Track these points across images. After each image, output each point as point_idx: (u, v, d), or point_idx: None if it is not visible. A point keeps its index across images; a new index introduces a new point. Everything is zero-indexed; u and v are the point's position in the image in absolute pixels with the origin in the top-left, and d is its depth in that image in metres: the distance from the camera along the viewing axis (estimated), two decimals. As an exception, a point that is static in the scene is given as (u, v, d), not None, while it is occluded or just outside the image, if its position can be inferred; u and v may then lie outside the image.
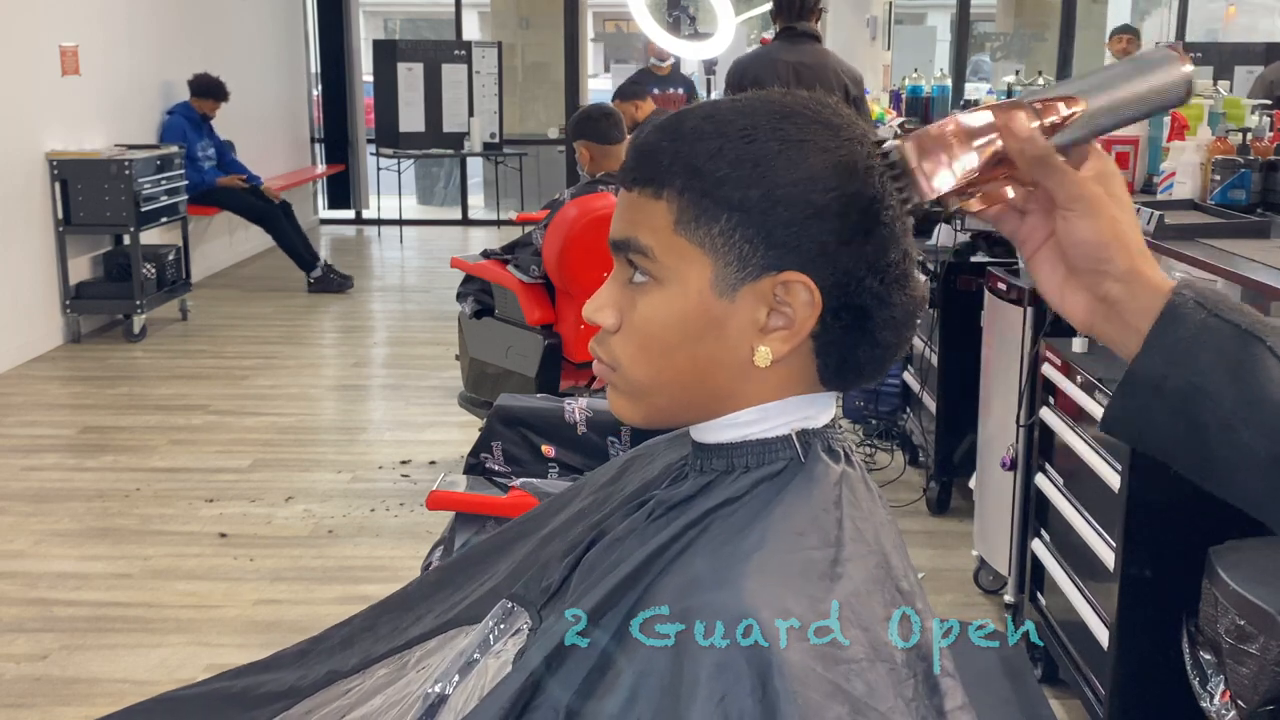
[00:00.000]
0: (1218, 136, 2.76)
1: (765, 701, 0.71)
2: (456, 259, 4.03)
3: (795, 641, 0.73)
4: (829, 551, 0.81)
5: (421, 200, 11.68)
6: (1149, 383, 0.76)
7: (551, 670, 0.84)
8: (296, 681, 1.11)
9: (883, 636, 0.78)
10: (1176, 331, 0.75)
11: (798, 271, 0.82)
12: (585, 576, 0.91)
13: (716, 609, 0.75)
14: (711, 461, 0.89)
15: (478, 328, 3.90)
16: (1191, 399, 0.74)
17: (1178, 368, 0.75)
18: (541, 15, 11.28)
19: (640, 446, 1.07)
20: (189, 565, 3.27)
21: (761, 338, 0.84)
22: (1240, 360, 0.73)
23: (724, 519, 0.84)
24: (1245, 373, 0.73)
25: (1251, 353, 0.73)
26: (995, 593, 3.07)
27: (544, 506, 1.12)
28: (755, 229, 0.82)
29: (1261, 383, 0.73)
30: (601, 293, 0.89)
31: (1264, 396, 0.73)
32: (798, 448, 0.87)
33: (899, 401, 4.18)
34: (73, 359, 5.57)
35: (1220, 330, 0.74)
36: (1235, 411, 0.73)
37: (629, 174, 0.86)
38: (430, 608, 1.11)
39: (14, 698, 2.61)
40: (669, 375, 0.86)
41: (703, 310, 0.84)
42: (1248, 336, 0.74)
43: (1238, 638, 1.84)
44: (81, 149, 5.88)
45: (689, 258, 0.83)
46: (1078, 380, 2.37)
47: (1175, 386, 0.75)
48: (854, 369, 0.87)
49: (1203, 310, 0.75)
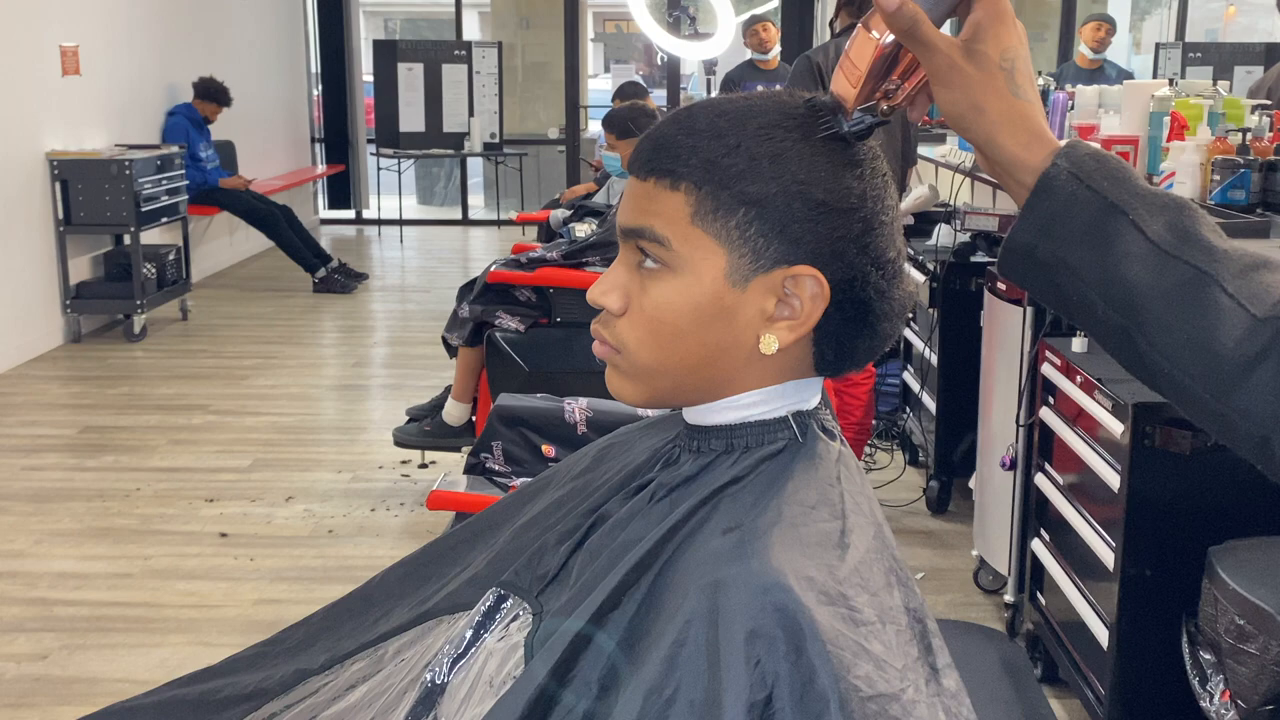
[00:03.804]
0: (1217, 136, 2.76)
1: (800, 663, 0.75)
2: (499, 272, 3.66)
3: (820, 606, 0.78)
4: (837, 524, 0.86)
5: (422, 200, 11.68)
6: (1022, 251, 0.79)
7: (583, 645, 0.86)
8: (261, 683, 1.11)
9: (887, 601, 0.83)
10: (1046, 204, 0.76)
11: (809, 265, 0.86)
12: (590, 560, 0.93)
13: (746, 579, 0.79)
14: (710, 443, 0.93)
15: (535, 337, 3.62)
16: (1057, 270, 0.77)
17: (1046, 239, 0.77)
18: (541, 15, 11.29)
19: (613, 435, 1.10)
20: (189, 565, 3.27)
21: (768, 326, 0.88)
22: (1101, 234, 0.75)
23: (731, 497, 0.88)
24: (1104, 246, 0.75)
25: (1113, 226, 0.75)
26: (995, 592, 3.07)
27: (513, 497, 1.14)
28: (770, 223, 0.86)
29: (1117, 258, 0.75)
30: (608, 276, 0.92)
31: (1116, 274, 0.75)
32: (795, 428, 0.91)
33: (899, 401, 4.18)
34: (73, 359, 5.58)
35: (1088, 203, 0.75)
36: (1093, 285, 0.76)
37: (645, 165, 0.89)
38: (398, 603, 1.11)
39: (14, 698, 2.61)
40: (676, 359, 0.90)
41: (716, 298, 0.87)
42: (1112, 209, 0.75)
43: (1237, 637, 1.84)
44: (82, 149, 5.88)
45: (705, 248, 0.87)
46: (1078, 380, 2.38)
47: (1044, 258, 0.77)
48: (849, 357, 0.91)
49: (1075, 182, 0.76)
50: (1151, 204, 0.75)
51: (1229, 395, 0.73)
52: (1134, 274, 0.74)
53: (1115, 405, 2.18)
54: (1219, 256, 0.74)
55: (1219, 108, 2.94)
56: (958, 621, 2.90)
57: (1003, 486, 2.88)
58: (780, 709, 0.75)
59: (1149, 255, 0.74)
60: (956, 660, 0.86)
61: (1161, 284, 0.74)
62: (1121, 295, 0.75)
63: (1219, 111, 2.91)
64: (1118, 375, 2.31)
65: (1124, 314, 0.75)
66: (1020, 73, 0.79)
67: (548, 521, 1.03)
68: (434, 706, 0.97)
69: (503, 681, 0.92)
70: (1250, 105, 3.02)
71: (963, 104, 0.79)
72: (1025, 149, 0.78)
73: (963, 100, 0.79)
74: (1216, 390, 0.74)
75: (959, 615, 2.98)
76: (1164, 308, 0.74)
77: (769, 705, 0.75)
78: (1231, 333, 0.73)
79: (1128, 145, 2.96)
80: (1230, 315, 0.73)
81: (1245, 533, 2.04)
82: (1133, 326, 0.76)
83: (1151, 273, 0.74)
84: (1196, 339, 0.74)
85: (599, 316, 0.93)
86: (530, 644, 0.92)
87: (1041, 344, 2.59)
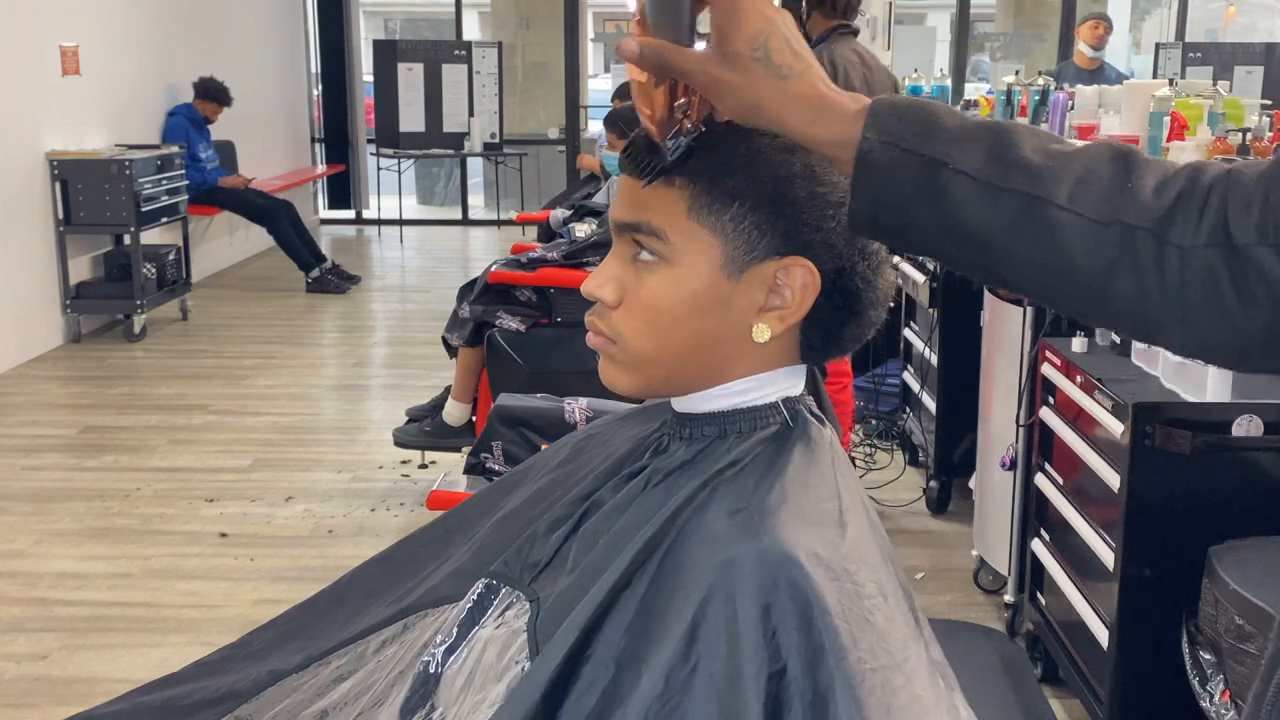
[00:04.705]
0: (1217, 136, 2.76)
1: (811, 634, 0.80)
2: (499, 272, 3.65)
3: (827, 581, 0.82)
4: (835, 503, 0.90)
5: (422, 200, 11.68)
6: (868, 221, 0.78)
7: (603, 622, 0.88)
8: (233, 685, 1.11)
9: (883, 576, 0.88)
10: (869, 178, 0.76)
11: (801, 256, 0.90)
12: (587, 545, 0.96)
13: (759, 556, 0.83)
14: (703, 429, 0.96)
15: (536, 337, 3.61)
16: (902, 232, 0.78)
17: (883, 209, 0.77)
18: (541, 15, 11.28)
19: (589, 427, 1.14)
20: (189, 565, 3.27)
21: (760, 316, 0.92)
22: (930, 191, 0.75)
23: (730, 480, 0.91)
24: (938, 201, 0.75)
25: (938, 180, 0.75)
26: (995, 593, 3.07)
27: (487, 492, 1.16)
28: (764, 217, 0.89)
29: (952, 207, 0.75)
30: (603, 269, 0.95)
31: (957, 221, 0.75)
32: (786, 413, 0.95)
33: (899, 401, 4.18)
34: (73, 359, 5.58)
35: (908, 165, 0.75)
36: (942, 237, 0.76)
37: (640, 163, 0.91)
38: (372, 600, 1.12)
39: (14, 698, 2.61)
40: (672, 348, 0.93)
41: (711, 289, 0.91)
42: (931, 164, 0.75)
43: (1237, 637, 1.84)
44: (82, 149, 5.88)
45: (701, 241, 0.90)
46: (1077, 380, 2.38)
47: (887, 223, 0.78)
48: (836, 344, 0.96)
49: (889, 149, 0.75)
50: (968, 141, 0.75)
51: (1103, 307, 0.75)
52: (971, 217, 0.74)
53: (1115, 405, 2.18)
54: (1044, 174, 0.73)
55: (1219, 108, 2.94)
56: (958, 621, 2.90)
57: (1003, 486, 2.88)
58: (794, 679, 0.79)
59: (980, 194, 0.74)
60: (956, 660, 0.90)
61: (999, 219, 0.74)
62: (969, 239, 0.75)
63: (1219, 111, 2.91)
64: (1118, 375, 2.31)
65: (979, 254, 0.76)
66: (776, 52, 0.77)
67: (531, 512, 1.05)
68: (430, 696, 0.98)
69: (505, 667, 0.94)
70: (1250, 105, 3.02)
71: (739, 108, 0.79)
72: (814, 125, 0.77)
73: (737, 105, 0.79)
74: (1086, 306, 0.76)
75: (959, 615, 2.98)
76: (1010, 240, 0.74)
77: (783, 676, 0.79)
78: (1079, 245, 0.73)
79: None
80: (1071, 229, 0.73)
81: (1245, 533, 2.04)
82: (992, 264, 0.76)
83: (987, 211, 0.74)
84: (1050, 262, 0.74)
85: (593, 308, 0.96)
86: (534, 629, 0.94)
87: (1041, 344, 2.59)
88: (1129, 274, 0.72)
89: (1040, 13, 10.77)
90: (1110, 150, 0.75)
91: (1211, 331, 0.72)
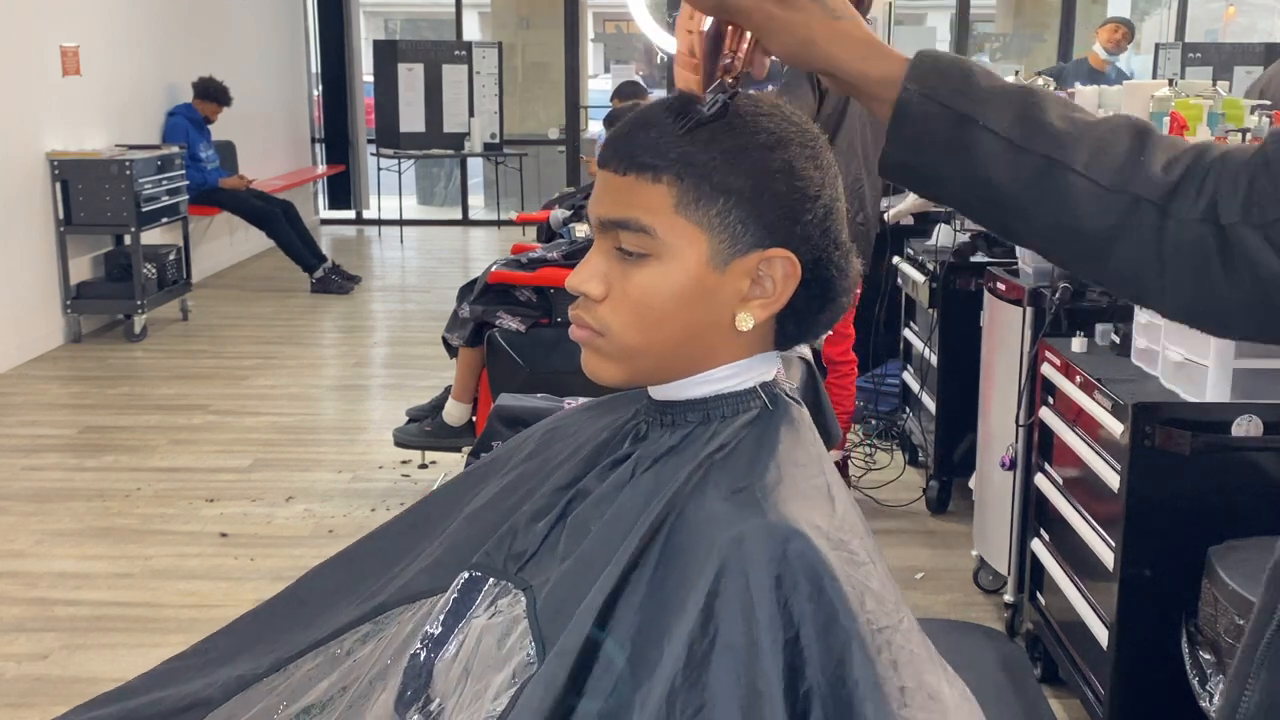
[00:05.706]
0: (1217, 136, 2.76)
1: (821, 601, 0.84)
2: (500, 272, 3.61)
3: (830, 550, 0.87)
4: (824, 479, 0.95)
5: (422, 200, 11.68)
6: (898, 166, 0.85)
7: (616, 603, 0.90)
8: (200, 692, 1.11)
9: (869, 545, 0.93)
10: (906, 128, 0.82)
11: (782, 248, 0.93)
12: (579, 533, 0.98)
13: (768, 530, 0.87)
14: (685, 416, 0.99)
15: (536, 337, 3.56)
16: (932, 182, 0.85)
17: (916, 156, 0.83)
18: (541, 15, 11.28)
19: (553, 419, 1.16)
20: (189, 565, 3.27)
21: (743, 305, 0.95)
22: (960, 144, 0.81)
23: (721, 462, 0.94)
24: (965, 154, 0.81)
25: (969, 136, 0.80)
26: (995, 592, 3.07)
27: (449, 488, 1.17)
28: (747, 211, 0.93)
29: (978, 162, 0.81)
30: (587, 264, 0.96)
31: (981, 176, 0.81)
32: (765, 397, 0.99)
33: (899, 401, 4.18)
34: (73, 359, 5.58)
35: (941, 118, 0.81)
36: (965, 188, 0.83)
37: (622, 161, 0.94)
38: (338, 600, 1.12)
39: (14, 698, 2.61)
40: (659, 340, 0.95)
41: (698, 281, 0.94)
42: (963, 120, 0.80)
43: (1237, 637, 1.84)
44: (82, 149, 5.88)
45: (688, 235, 0.93)
46: (1077, 380, 2.38)
47: (918, 168, 0.84)
48: (810, 330, 1.01)
49: (927, 101, 0.81)
50: (1000, 101, 0.81)
51: (1101, 266, 0.81)
52: (994, 174, 0.80)
53: (1115, 405, 2.18)
54: (1066, 140, 0.80)
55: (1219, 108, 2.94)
56: (958, 621, 2.90)
57: (1002, 486, 2.89)
58: (807, 644, 0.84)
59: (1004, 153, 0.80)
60: (957, 660, 0.92)
61: (1020, 177, 0.80)
62: (990, 194, 0.82)
63: (1219, 112, 2.90)
64: (1117, 375, 2.31)
65: (997, 208, 0.82)
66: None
67: (505, 504, 1.07)
68: (425, 689, 0.98)
69: (507, 655, 0.95)
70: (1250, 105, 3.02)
71: (792, 45, 0.84)
72: (864, 61, 0.83)
73: (790, 41, 0.84)
74: (1087, 264, 0.83)
75: (959, 615, 2.98)
76: (1027, 198, 0.81)
77: (797, 642, 0.84)
78: (1089, 209, 0.79)
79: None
80: (1084, 193, 0.79)
81: (1245, 533, 2.04)
82: (1007, 217, 0.83)
83: (1009, 169, 0.80)
84: (1061, 222, 0.80)
85: (578, 302, 0.97)
86: (534, 616, 0.95)
87: (1041, 344, 2.59)
88: (1130, 240, 0.79)
89: (1040, 13, 10.77)
90: (1128, 123, 0.81)
91: (1198, 299, 0.79)
